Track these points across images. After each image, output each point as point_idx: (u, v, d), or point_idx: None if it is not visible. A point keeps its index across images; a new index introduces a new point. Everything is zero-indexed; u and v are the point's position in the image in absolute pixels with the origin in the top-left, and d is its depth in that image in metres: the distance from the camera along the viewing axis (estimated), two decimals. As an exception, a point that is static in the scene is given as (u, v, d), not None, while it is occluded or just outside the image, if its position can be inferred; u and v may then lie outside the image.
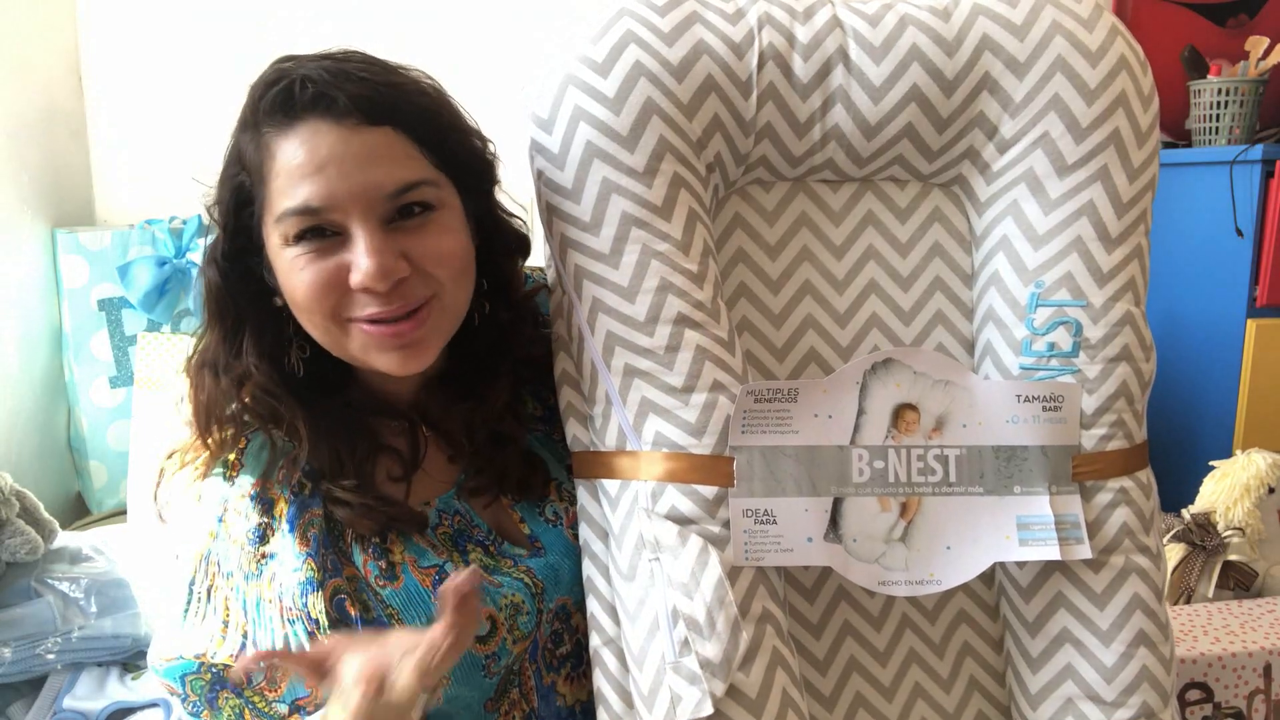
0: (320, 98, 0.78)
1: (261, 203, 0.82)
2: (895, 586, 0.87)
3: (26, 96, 1.86)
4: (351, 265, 0.79)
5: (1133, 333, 0.91)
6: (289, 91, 0.78)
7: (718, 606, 0.80)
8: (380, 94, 0.80)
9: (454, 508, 0.90)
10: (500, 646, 0.85)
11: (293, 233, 0.79)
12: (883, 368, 0.88)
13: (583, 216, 0.86)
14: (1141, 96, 0.91)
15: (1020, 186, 0.91)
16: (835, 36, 0.89)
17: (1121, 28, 0.93)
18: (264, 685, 0.81)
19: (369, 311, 0.80)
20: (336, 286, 0.80)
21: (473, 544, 0.89)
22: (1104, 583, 0.89)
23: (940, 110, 0.90)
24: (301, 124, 0.79)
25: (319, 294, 0.80)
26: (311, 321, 0.83)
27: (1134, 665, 0.88)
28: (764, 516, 0.85)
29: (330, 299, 0.80)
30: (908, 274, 0.96)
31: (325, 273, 0.79)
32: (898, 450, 0.88)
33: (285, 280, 0.82)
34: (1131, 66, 0.91)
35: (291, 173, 0.78)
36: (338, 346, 0.84)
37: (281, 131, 0.79)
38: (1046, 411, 0.89)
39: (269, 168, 0.80)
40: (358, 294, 0.80)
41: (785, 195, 0.95)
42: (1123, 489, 0.90)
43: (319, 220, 0.79)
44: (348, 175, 0.78)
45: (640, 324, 0.85)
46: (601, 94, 0.85)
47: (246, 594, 0.81)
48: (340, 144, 0.78)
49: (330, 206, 0.78)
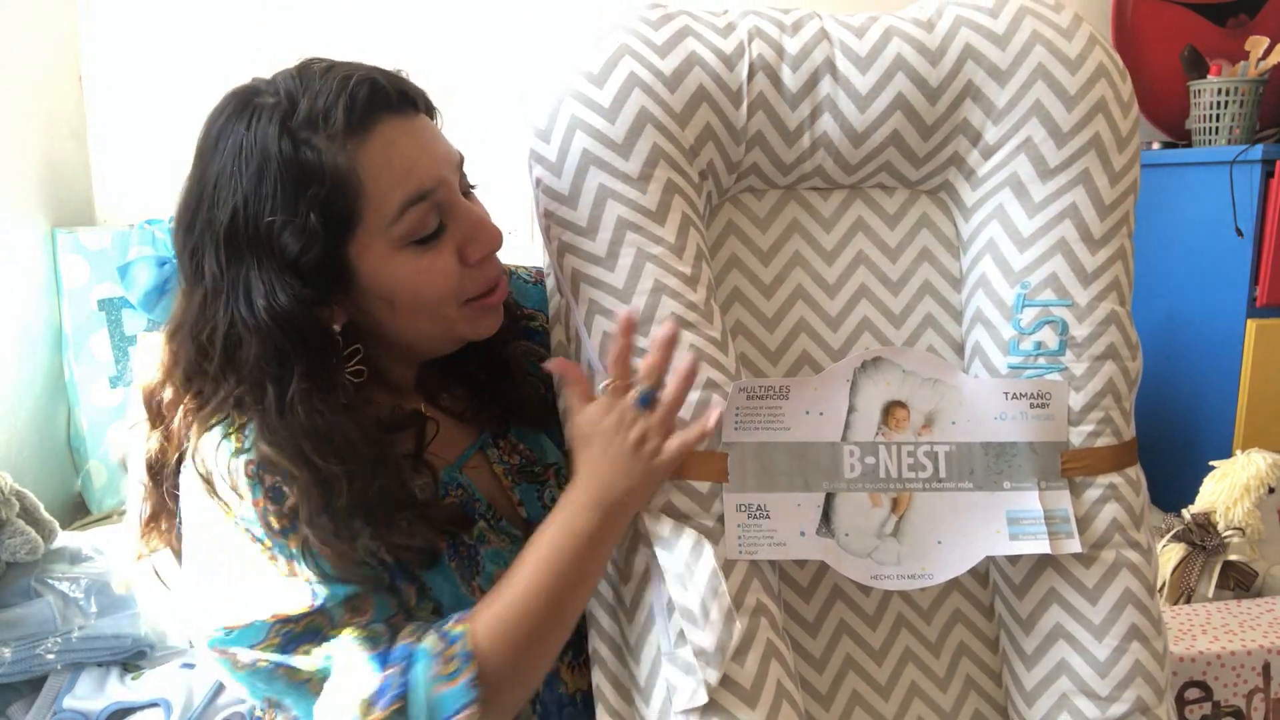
0: (402, 94, 0.81)
1: (360, 217, 0.78)
2: (887, 580, 0.88)
3: (26, 96, 1.86)
4: (467, 240, 0.83)
5: (1118, 331, 0.92)
6: (372, 92, 0.78)
7: (711, 597, 0.81)
8: (414, 86, 0.84)
9: (457, 481, 0.91)
10: None
11: (413, 229, 0.80)
12: (873, 366, 0.90)
13: (579, 221, 0.88)
14: (1121, 103, 0.93)
15: (1005, 191, 0.94)
16: (823, 48, 0.92)
17: (1100, 37, 0.95)
18: (348, 617, 0.78)
19: (486, 282, 0.85)
20: (459, 270, 0.83)
21: (478, 516, 0.90)
22: (1095, 578, 0.90)
23: (925, 118, 0.93)
24: (380, 125, 0.79)
25: (449, 283, 0.83)
26: (435, 317, 0.84)
27: (1127, 660, 0.89)
28: (757, 511, 0.86)
29: (456, 285, 0.83)
30: (897, 278, 0.98)
31: (450, 260, 0.82)
32: (888, 446, 0.90)
33: (405, 286, 0.81)
34: (1110, 74, 0.93)
35: (399, 171, 0.79)
36: (448, 333, 0.87)
37: (364, 138, 0.78)
38: (1034, 408, 0.91)
39: (367, 175, 0.78)
40: (473, 270, 0.84)
41: (777, 202, 0.97)
42: (1112, 485, 0.91)
43: (433, 203, 0.81)
44: (440, 153, 0.82)
45: (636, 326, 0.86)
46: (597, 104, 0.87)
47: (290, 548, 0.78)
48: (422, 131, 0.82)
49: (440, 184, 0.81)
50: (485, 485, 0.93)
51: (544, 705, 0.91)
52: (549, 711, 0.91)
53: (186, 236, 0.80)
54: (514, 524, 0.92)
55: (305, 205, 0.77)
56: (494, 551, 0.88)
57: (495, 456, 0.95)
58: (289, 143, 0.77)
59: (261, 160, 0.77)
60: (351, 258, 0.80)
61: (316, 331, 0.80)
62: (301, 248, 0.77)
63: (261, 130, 0.77)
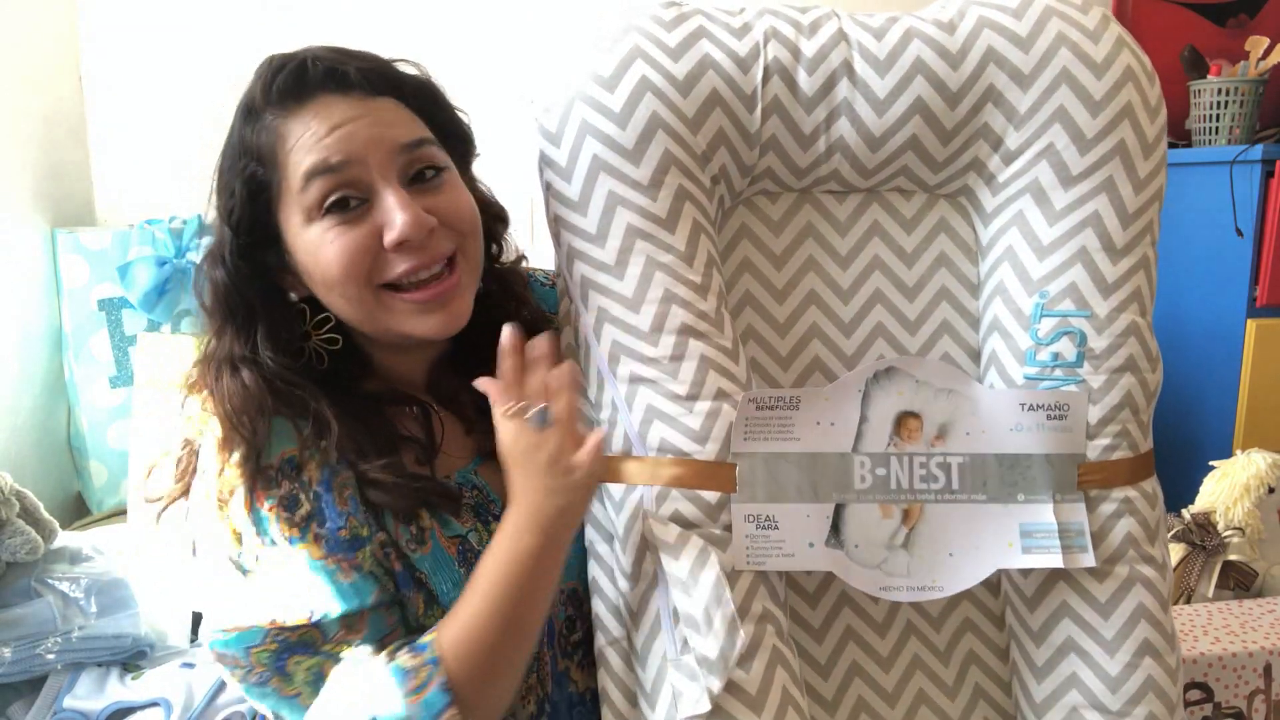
0: (332, 72, 0.82)
1: (278, 186, 0.83)
2: (897, 592, 0.88)
3: (26, 96, 1.86)
4: (384, 225, 0.82)
5: (1138, 344, 0.91)
6: (301, 70, 0.82)
7: (715, 605, 0.80)
8: (383, 67, 0.86)
9: (472, 482, 0.91)
10: None
11: (317, 201, 0.81)
12: (885, 376, 0.89)
13: (589, 228, 0.87)
14: (1148, 108, 0.91)
15: (1025, 197, 0.92)
16: (840, 50, 0.90)
17: (1128, 39, 0.93)
18: (343, 633, 0.80)
19: (404, 268, 0.83)
20: (370, 250, 0.82)
21: (493, 518, 0.90)
22: (1108, 592, 0.89)
23: (944, 122, 0.91)
24: (312, 101, 0.82)
25: (354, 260, 0.82)
26: (346, 295, 0.84)
27: (1139, 675, 0.88)
28: (766, 522, 0.86)
29: (365, 264, 0.82)
30: (913, 284, 0.96)
31: (357, 239, 0.82)
32: (900, 457, 0.89)
33: (313, 258, 0.83)
34: (1138, 78, 0.91)
35: (308, 144, 0.81)
36: (372, 321, 0.85)
37: (292, 112, 0.82)
38: (1051, 420, 0.89)
39: (283, 148, 0.82)
40: (391, 255, 0.83)
41: (791, 206, 0.96)
42: (1127, 499, 0.90)
43: (342, 179, 0.81)
44: (363, 132, 0.82)
45: (645, 334, 0.86)
46: (608, 109, 0.86)
47: (295, 558, 0.81)
48: (352, 110, 0.83)
49: (350, 161, 0.81)
50: (499, 486, 0.91)
51: (553, 704, 0.91)
52: (558, 710, 0.92)
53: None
54: None
55: (235, 175, 0.84)
56: None
57: None
58: (243, 121, 0.84)
59: (226, 139, 0.86)
60: (279, 223, 0.85)
61: (270, 299, 0.87)
62: (230, 210, 0.84)
63: (236, 114, 0.85)
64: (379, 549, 0.83)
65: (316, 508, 0.82)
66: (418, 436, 0.90)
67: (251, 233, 0.85)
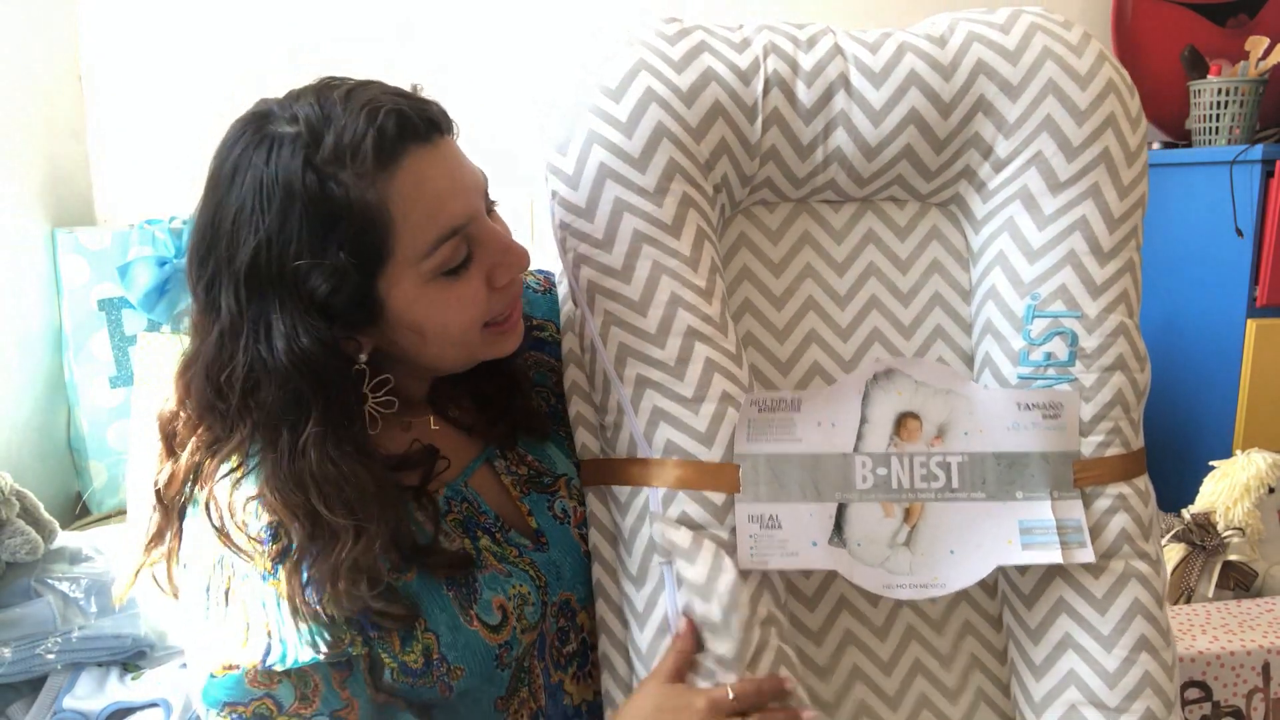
0: (429, 123, 0.78)
1: (390, 251, 0.77)
2: (900, 590, 0.89)
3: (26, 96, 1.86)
4: (494, 265, 0.82)
5: (1127, 343, 0.93)
6: (400, 123, 0.76)
7: (733, 609, 0.82)
8: (436, 108, 0.81)
9: (461, 494, 0.91)
10: (511, 636, 0.86)
11: (445, 262, 0.79)
12: (885, 377, 0.90)
13: (595, 234, 0.89)
14: (1130, 118, 0.94)
15: (1015, 203, 0.94)
16: (837, 63, 0.93)
17: (1109, 54, 0.96)
18: (296, 705, 0.79)
19: (508, 305, 0.86)
20: (486, 297, 0.83)
21: (481, 531, 0.89)
22: (1104, 588, 0.90)
23: (938, 132, 0.93)
24: (408, 157, 0.77)
25: (477, 311, 0.82)
26: (460, 342, 0.84)
27: (1136, 670, 0.89)
28: (769, 521, 0.87)
29: (483, 311, 0.83)
30: (908, 290, 0.98)
31: (477, 289, 0.82)
32: (900, 457, 0.90)
33: (431, 316, 0.81)
34: (1119, 90, 0.94)
35: (431, 205, 0.77)
36: (471, 357, 0.87)
37: (392, 171, 0.76)
38: (1046, 419, 0.91)
39: (397, 210, 0.76)
40: (497, 293, 0.84)
41: (789, 215, 0.98)
42: (1121, 495, 0.92)
43: (463, 236, 0.80)
44: (468, 184, 0.81)
45: (652, 336, 0.87)
46: (615, 118, 0.88)
47: (265, 594, 0.79)
48: (448, 159, 0.80)
49: (473, 218, 0.81)
50: (492, 496, 0.92)
51: (548, 717, 0.91)
52: None
53: (201, 269, 0.79)
54: (523, 534, 0.92)
55: (335, 244, 0.75)
56: (492, 577, 0.87)
57: (503, 468, 0.94)
58: (314, 178, 0.74)
59: (285, 197, 0.74)
60: (381, 292, 0.79)
61: (338, 373, 0.79)
62: (332, 288, 0.76)
63: (283, 164, 0.75)
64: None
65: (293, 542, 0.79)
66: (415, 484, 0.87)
67: (359, 306, 0.78)
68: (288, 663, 0.78)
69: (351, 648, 0.80)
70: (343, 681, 0.81)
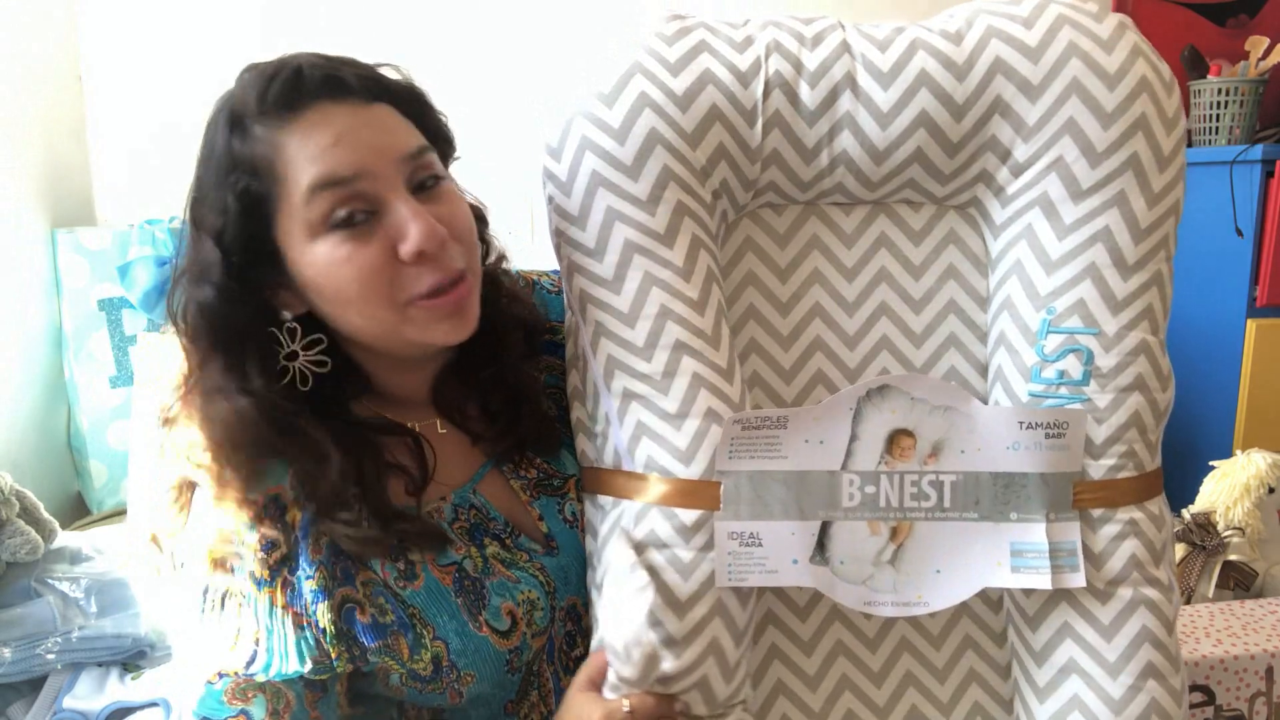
0: (328, 79, 0.80)
1: (276, 200, 0.79)
2: (882, 607, 0.87)
3: (26, 96, 1.86)
4: (397, 237, 0.79)
5: (1148, 362, 0.89)
6: (296, 77, 0.79)
7: (635, 644, 0.81)
8: (373, 73, 0.83)
9: (470, 501, 0.90)
10: (521, 641, 0.86)
11: (323, 215, 0.78)
12: (879, 394, 0.87)
13: (587, 243, 0.87)
14: (1164, 119, 0.89)
15: (1034, 210, 0.89)
16: (843, 62, 0.89)
17: (1145, 47, 0.89)
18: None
19: (428, 283, 0.81)
20: (387, 266, 0.79)
21: (489, 537, 0.89)
22: (1111, 614, 0.88)
23: (950, 135, 0.89)
24: (309, 110, 0.79)
25: (374, 278, 0.79)
26: (364, 313, 0.81)
27: (1142, 698, 0.87)
28: (749, 539, 0.85)
29: (384, 281, 0.80)
30: (920, 296, 0.94)
31: (373, 256, 0.79)
32: (890, 475, 0.87)
33: (325, 276, 0.80)
34: (1154, 89, 0.88)
35: (312, 155, 0.78)
36: (392, 335, 0.83)
37: (288, 122, 0.79)
38: (1049, 438, 0.87)
39: (281, 159, 0.78)
40: (409, 269, 0.80)
41: (797, 218, 0.95)
42: (1132, 520, 0.88)
43: (350, 192, 0.78)
44: (369, 142, 0.79)
45: (639, 349, 0.86)
46: (607, 124, 0.86)
47: (258, 600, 0.80)
48: (353, 117, 0.80)
49: (359, 174, 0.78)
50: (502, 502, 0.92)
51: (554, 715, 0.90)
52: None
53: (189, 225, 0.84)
54: (534, 539, 0.92)
55: (226, 189, 0.79)
56: (500, 583, 0.87)
57: (511, 472, 0.93)
58: (226, 132, 0.80)
59: (208, 152, 0.81)
60: (278, 241, 0.81)
61: (253, 315, 0.82)
62: (220, 227, 0.80)
63: (217, 125, 0.81)
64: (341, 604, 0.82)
65: (292, 552, 0.81)
66: (408, 466, 0.88)
67: (246, 250, 0.80)
68: (270, 674, 0.80)
69: (337, 662, 0.81)
70: (314, 702, 0.82)
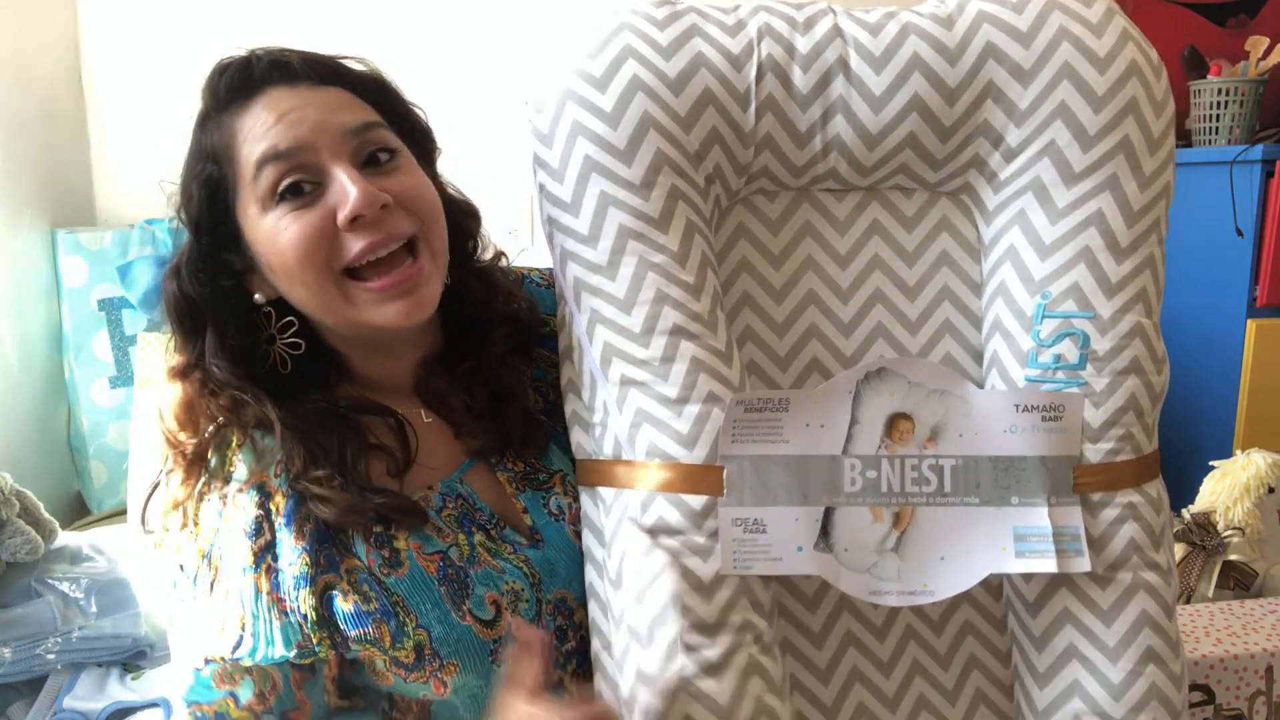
0: (275, 64, 0.84)
1: (233, 181, 0.84)
2: (887, 596, 0.86)
3: (26, 96, 1.86)
4: (337, 205, 0.81)
5: (1143, 345, 0.89)
6: (246, 66, 0.84)
7: (659, 624, 0.80)
8: (327, 59, 0.87)
9: (456, 491, 0.90)
10: (506, 631, 0.86)
11: (270, 188, 0.81)
12: (877, 377, 0.87)
13: (581, 229, 0.87)
14: (1154, 103, 0.89)
15: (1027, 195, 0.90)
16: (835, 46, 0.89)
17: (1134, 32, 0.90)
18: (253, 701, 0.81)
19: (361, 246, 0.82)
20: (325, 233, 0.82)
21: (476, 527, 0.89)
22: (1111, 599, 0.88)
23: (943, 119, 0.89)
24: (260, 95, 0.83)
25: (310, 244, 0.82)
26: (306, 283, 0.83)
27: (1142, 683, 0.87)
28: (754, 525, 0.84)
29: (322, 248, 0.82)
30: (914, 283, 0.94)
31: (312, 222, 0.82)
32: (891, 460, 0.87)
33: (271, 247, 0.83)
34: (1143, 72, 0.89)
35: (258, 133, 0.82)
36: (335, 312, 0.84)
37: (241, 107, 0.83)
38: (1046, 421, 0.87)
39: (235, 142, 0.83)
40: (347, 236, 0.82)
41: (790, 204, 0.94)
42: (1131, 504, 0.88)
43: (293, 163, 0.81)
44: (311, 117, 0.83)
45: (636, 335, 0.86)
46: (599, 109, 0.86)
47: (244, 587, 0.81)
48: (299, 98, 0.83)
49: (300, 146, 0.82)
50: (488, 493, 0.92)
51: None
52: None
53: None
54: (519, 531, 0.91)
55: (193, 179, 0.85)
56: (485, 573, 0.87)
57: (498, 464, 0.94)
58: (198, 128, 0.86)
59: (187, 152, 0.86)
60: (238, 221, 0.85)
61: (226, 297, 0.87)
62: (195, 216, 0.85)
63: (194, 127, 0.86)
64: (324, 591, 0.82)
65: (276, 539, 0.82)
66: (391, 447, 0.89)
67: (212, 232, 0.85)
68: (256, 658, 0.81)
69: (319, 648, 0.82)
70: (300, 682, 0.83)
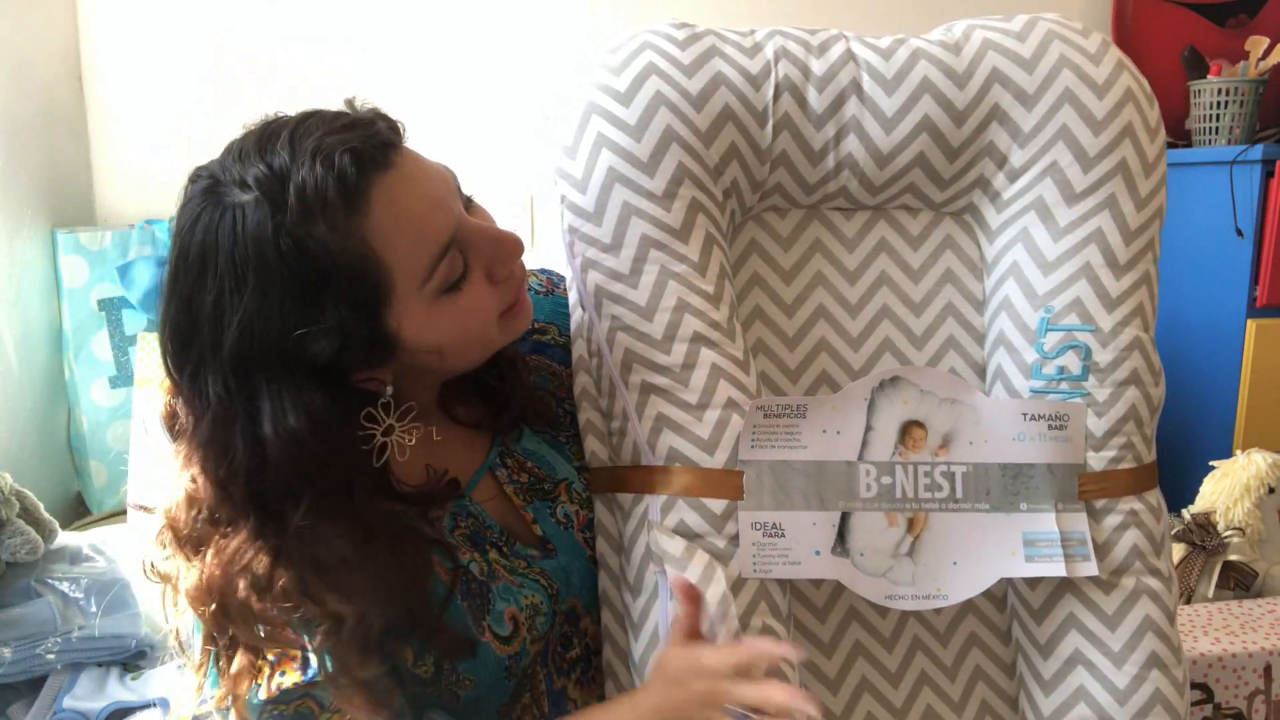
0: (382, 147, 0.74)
1: (388, 287, 0.74)
2: (902, 601, 0.88)
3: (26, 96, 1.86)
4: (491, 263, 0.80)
5: (1141, 358, 0.92)
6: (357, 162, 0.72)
7: (720, 620, 0.81)
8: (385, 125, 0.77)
9: (466, 510, 0.90)
10: (521, 647, 0.86)
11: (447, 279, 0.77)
12: (890, 385, 0.90)
13: (603, 238, 0.89)
14: (1148, 128, 0.94)
15: (1030, 214, 0.94)
16: (849, 69, 0.92)
17: (1128, 63, 0.95)
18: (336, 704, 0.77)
19: (516, 282, 0.83)
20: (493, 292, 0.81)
21: (489, 545, 0.89)
22: (1115, 604, 0.90)
23: (951, 140, 0.93)
24: (374, 190, 0.73)
25: (492, 306, 0.81)
26: (487, 341, 0.83)
27: (1147, 688, 0.89)
28: (772, 529, 0.86)
29: (496, 306, 0.82)
30: (920, 299, 0.98)
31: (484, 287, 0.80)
32: (905, 466, 0.89)
33: (452, 329, 0.79)
34: (1138, 99, 0.93)
35: (414, 231, 0.74)
36: (487, 352, 0.85)
37: (363, 211, 0.72)
38: (1052, 430, 0.90)
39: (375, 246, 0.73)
40: (501, 285, 0.82)
41: (800, 222, 0.97)
42: (1133, 511, 0.91)
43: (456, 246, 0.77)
44: (438, 192, 0.77)
45: (657, 342, 0.87)
46: (623, 122, 0.88)
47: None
48: (414, 176, 0.76)
49: (457, 225, 0.77)
50: (496, 509, 0.91)
51: None
52: None
53: (183, 358, 0.75)
54: (529, 544, 0.91)
55: (330, 303, 0.72)
56: (505, 587, 0.86)
57: (504, 477, 0.93)
58: (288, 242, 0.71)
59: (261, 271, 0.71)
60: (392, 329, 0.76)
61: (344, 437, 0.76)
62: (340, 346, 0.74)
63: (252, 236, 0.71)
64: None
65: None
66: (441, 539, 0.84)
67: (373, 349, 0.76)
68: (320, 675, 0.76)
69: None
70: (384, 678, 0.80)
